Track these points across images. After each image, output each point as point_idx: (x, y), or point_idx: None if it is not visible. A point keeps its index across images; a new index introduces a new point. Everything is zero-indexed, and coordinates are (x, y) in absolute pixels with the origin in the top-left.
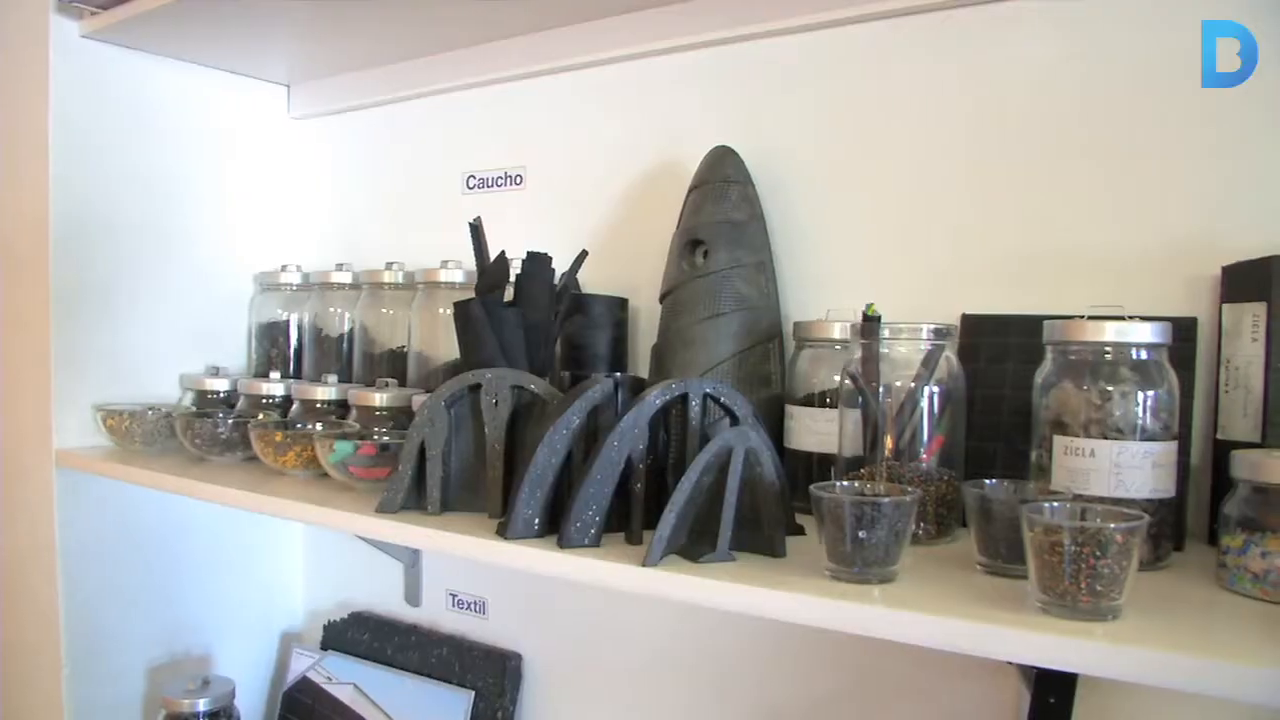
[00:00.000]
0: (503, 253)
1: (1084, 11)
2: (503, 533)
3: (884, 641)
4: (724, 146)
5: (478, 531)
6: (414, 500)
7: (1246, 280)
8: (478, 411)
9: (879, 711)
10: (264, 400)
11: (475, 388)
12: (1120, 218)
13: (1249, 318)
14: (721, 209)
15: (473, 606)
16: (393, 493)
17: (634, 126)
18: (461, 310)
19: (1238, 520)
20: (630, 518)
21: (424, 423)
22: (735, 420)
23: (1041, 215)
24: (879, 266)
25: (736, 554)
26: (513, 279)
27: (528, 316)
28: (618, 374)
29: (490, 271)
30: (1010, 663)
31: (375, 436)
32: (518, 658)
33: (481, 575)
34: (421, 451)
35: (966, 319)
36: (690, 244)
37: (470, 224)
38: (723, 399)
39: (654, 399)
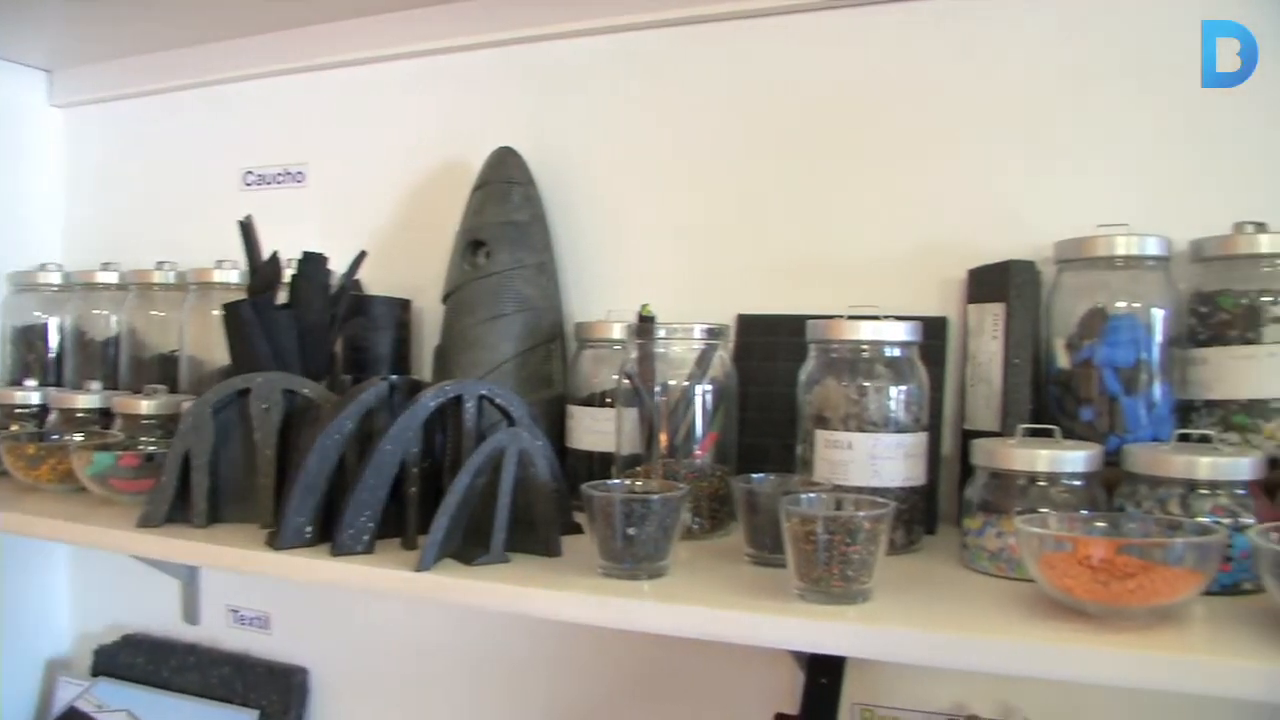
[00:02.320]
0: (275, 253)
1: (851, 26)
2: (273, 543)
3: (665, 634)
4: (506, 147)
5: (247, 543)
6: (179, 513)
7: (988, 282)
8: (247, 417)
9: (665, 703)
10: (17, 410)
11: (244, 392)
12: (883, 223)
13: (990, 317)
14: (503, 210)
15: (255, 622)
16: (155, 505)
17: (418, 125)
18: (231, 312)
19: (978, 504)
20: (405, 522)
21: (188, 430)
22: (512, 421)
23: (811, 220)
24: (659, 267)
25: (512, 555)
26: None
27: (303, 318)
28: (393, 376)
29: (262, 272)
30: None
31: (140, 447)
32: (303, 672)
33: (264, 589)
34: (186, 461)
35: (741, 319)
36: (472, 244)
37: (240, 222)
38: (498, 400)
39: (427, 401)
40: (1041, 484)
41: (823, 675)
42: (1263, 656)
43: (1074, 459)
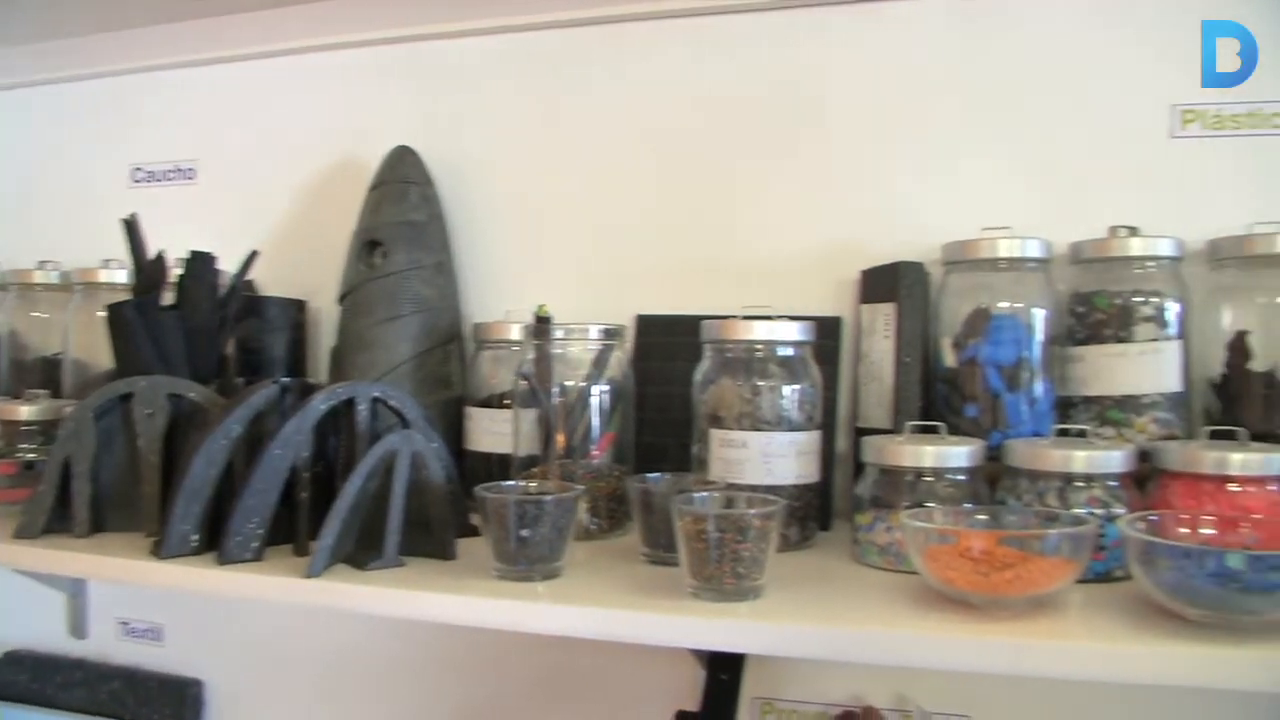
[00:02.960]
0: (160, 252)
1: (749, 31)
2: (157, 552)
3: (558, 635)
4: (404, 146)
5: (130, 552)
6: (60, 523)
7: (880, 283)
8: (131, 423)
9: (568, 703)
10: None
11: (128, 397)
12: (780, 225)
13: (882, 317)
14: (400, 209)
15: (147, 634)
16: (32, 515)
17: (313, 122)
18: (114, 313)
19: (868, 500)
20: (296, 528)
21: (68, 436)
22: (406, 423)
23: (710, 221)
24: (559, 268)
25: (407, 559)
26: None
27: (190, 320)
28: (285, 378)
29: (146, 272)
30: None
31: (17, 454)
32: (198, 685)
33: (156, 600)
34: (66, 468)
35: (641, 319)
36: (369, 244)
37: (124, 220)
38: (392, 402)
39: (318, 404)
40: (928, 479)
41: (723, 671)
42: (1129, 640)
43: (957, 454)
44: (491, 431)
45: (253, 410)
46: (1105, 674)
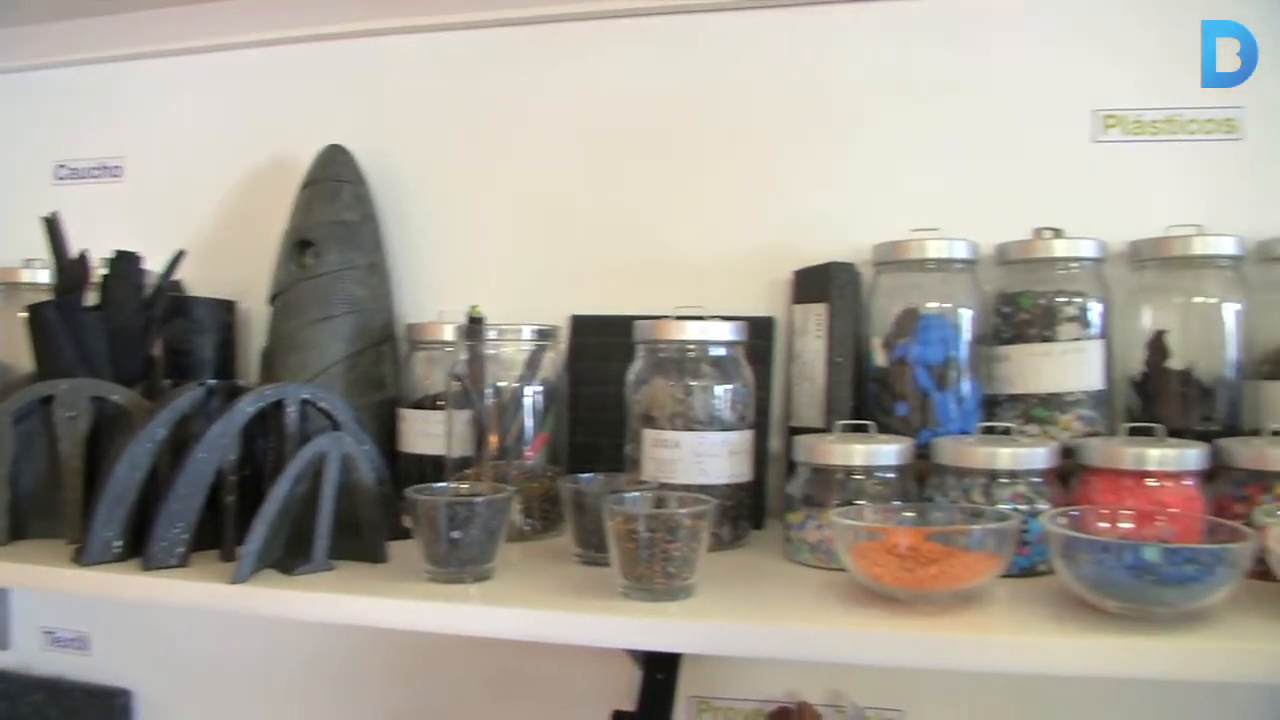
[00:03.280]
0: (83, 251)
1: (683, 31)
2: (79, 559)
3: (489, 637)
4: (336, 145)
5: (51, 560)
6: None
7: (812, 283)
8: (52, 426)
9: (504, 704)
10: None
11: (48, 400)
12: (714, 226)
13: (814, 317)
14: (333, 209)
15: (74, 643)
16: None
17: (244, 119)
18: (35, 314)
19: (800, 498)
20: (223, 533)
21: None
22: (336, 425)
23: (644, 222)
24: (494, 268)
25: (337, 563)
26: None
27: (114, 321)
28: (211, 381)
29: (68, 271)
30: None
31: None
32: (126, 695)
33: (82, 608)
34: None
35: (575, 320)
36: (300, 244)
37: (45, 219)
38: (321, 403)
39: (245, 406)
40: (858, 477)
41: (659, 671)
42: (1052, 632)
43: (887, 453)
44: (425, 433)
45: (177, 413)
46: (1028, 666)
